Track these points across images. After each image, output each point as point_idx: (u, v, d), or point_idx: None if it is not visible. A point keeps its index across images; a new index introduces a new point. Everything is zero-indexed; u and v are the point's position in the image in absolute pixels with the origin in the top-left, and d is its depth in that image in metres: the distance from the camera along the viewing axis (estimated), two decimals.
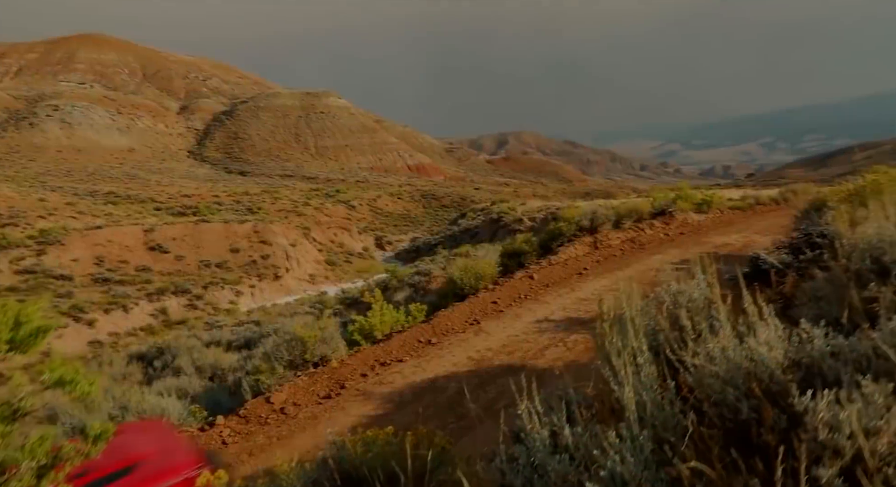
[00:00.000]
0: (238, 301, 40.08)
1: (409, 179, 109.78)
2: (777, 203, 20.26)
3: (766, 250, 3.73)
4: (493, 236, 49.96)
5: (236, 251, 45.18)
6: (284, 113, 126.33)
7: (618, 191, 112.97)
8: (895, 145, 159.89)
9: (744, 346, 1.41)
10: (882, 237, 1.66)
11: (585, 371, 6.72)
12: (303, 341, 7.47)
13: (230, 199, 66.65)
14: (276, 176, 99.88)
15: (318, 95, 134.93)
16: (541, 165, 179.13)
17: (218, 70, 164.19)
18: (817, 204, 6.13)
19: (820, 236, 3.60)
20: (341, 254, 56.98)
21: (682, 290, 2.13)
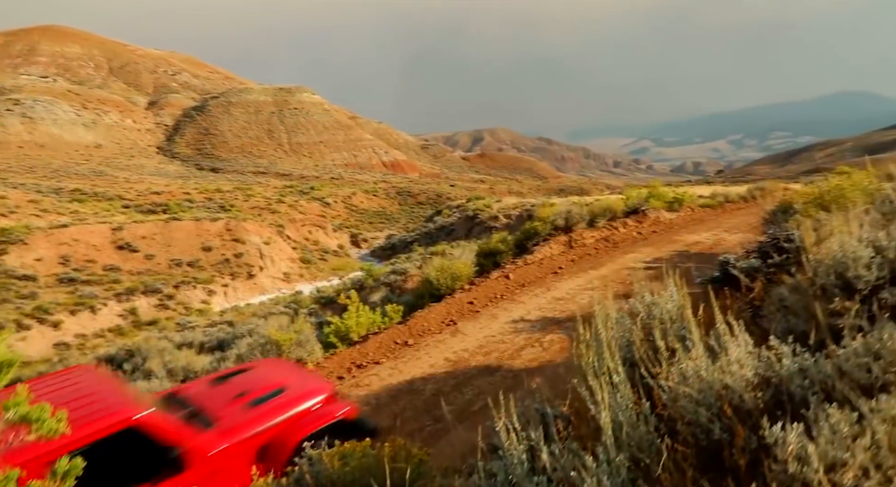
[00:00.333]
0: (211, 301, 39.39)
1: (384, 176, 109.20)
2: (746, 201, 20.79)
3: (736, 255, 3.82)
4: (469, 234, 50.09)
5: (208, 250, 44.37)
6: (257, 109, 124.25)
7: (592, 187, 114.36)
8: (856, 143, 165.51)
9: (716, 366, 1.44)
10: (845, 254, 1.72)
11: (561, 374, 6.81)
12: (278, 344, 7.37)
13: (202, 196, 65.35)
14: (248, 173, 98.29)
15: (292, 90, 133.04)
16: (516, 161, 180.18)
17: (187, 65, 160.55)
18: (784, 206, 6.29)
19: (787, 241, 3.69)
20: (316, 252, 56.45)
21: (655, 301, 2.16)
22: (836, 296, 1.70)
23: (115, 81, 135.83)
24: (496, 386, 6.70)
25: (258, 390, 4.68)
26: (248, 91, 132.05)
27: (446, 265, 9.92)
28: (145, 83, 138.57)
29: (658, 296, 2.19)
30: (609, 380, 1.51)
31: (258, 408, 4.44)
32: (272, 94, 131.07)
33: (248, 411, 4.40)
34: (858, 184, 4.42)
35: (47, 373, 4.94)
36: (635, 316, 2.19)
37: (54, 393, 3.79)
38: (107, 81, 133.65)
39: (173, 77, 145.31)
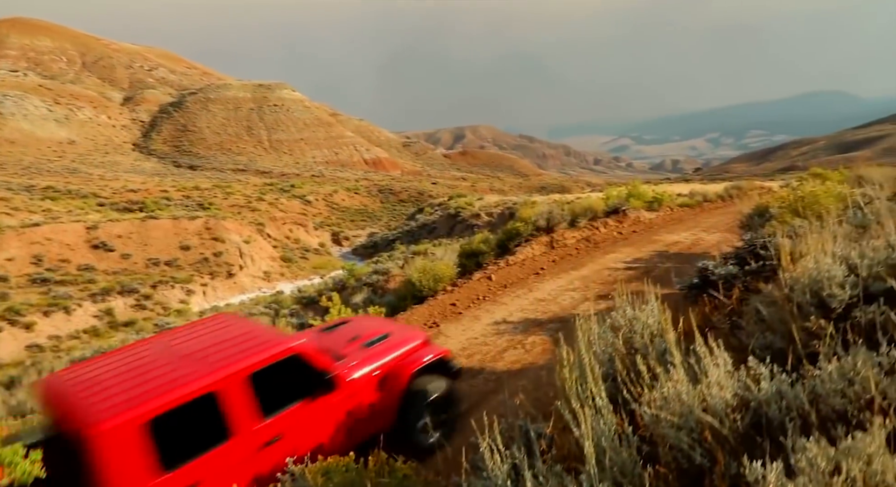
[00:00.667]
0: (189, 301, 38.83)
1: (365, 174, 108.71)
2: (723, 200, 21.14)
3: (715, 262, 3.88)
4: (451, 232, 50.16)
5: (187, 249, 43.72)
6: (236, 105, 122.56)
7: (573, 185, 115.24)
8: (829, 142, 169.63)
9: (696, 390, 1.46)
10: (820, 273, 1.76)
11: (544, 377, 6.84)
12: None
13: (179, 194, 64.32)
14: (227, 170, 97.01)
15: (271, 87, 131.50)
16: (497, 159, 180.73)
17: (164, 60, 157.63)
18: (760, 209, 6.41)
19: (763, 248, 3.76)
20: (297, 250, 55.99)
21: (636, 316, 2.18)
22: (812, 314, 1.74)
23: (88, 75, 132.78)
24: (479, 389, 6.72)
25: (367, 335, 5.51)
26: (227, 87, 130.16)
27: (428, 267, 9.91)
28: (120, 78, 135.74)
29: (639, 310, 2.21)
30: (592, 404, 1.52)
31: (372, 348, 5.25)
32: (251, 90, 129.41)
33: (365, 350, 5.20)
34: (831, 190, 4.53)
35: (203, 318, 5.98)
36: (617, 330, 2.21)
37: (223, 331, 4.70)
38: (80, 76, 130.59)
39: (149, 72, 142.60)
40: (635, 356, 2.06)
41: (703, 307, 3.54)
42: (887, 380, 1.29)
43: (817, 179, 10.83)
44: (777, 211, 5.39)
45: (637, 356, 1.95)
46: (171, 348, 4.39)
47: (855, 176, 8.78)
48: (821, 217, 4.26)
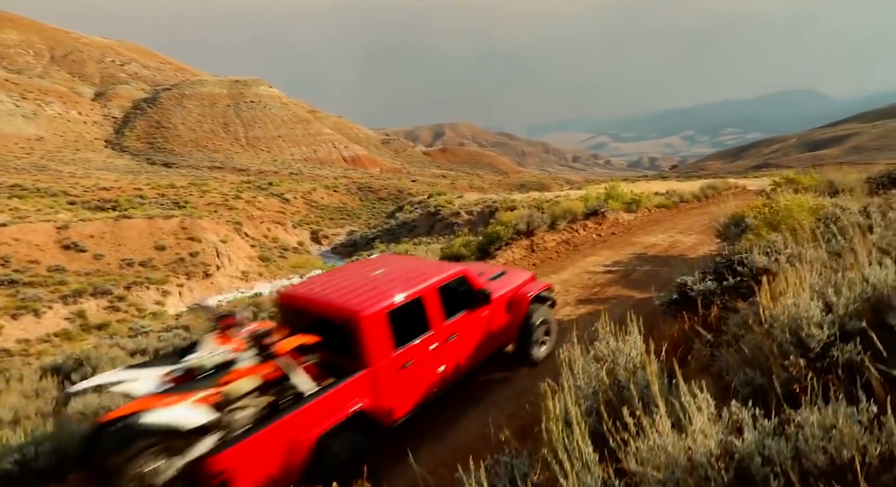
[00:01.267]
0: (165, 302, 38.16)
1: (344, 172, 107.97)
2: (699, 200, 21.52)
3: (693, 278, 3.94)
4: (431, 230, 50.15)
5: (162, 249, 42.94)
6: (212, 101, 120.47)
7: (552, 183, 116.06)
8: (800, 140, 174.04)
9: (681, 442, 1.47)
10: (799, 313, 1.79)
11: (526, 385, 6.87)
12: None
13: (154, 192, 63.04)
14: (203, 168, 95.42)
15: (248, 83, 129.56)
16: (477, 156, 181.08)
17: (137, 54, 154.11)
18: (736, 219, 6.54)
19: (740, 264, 3.83)
20: (275, 249, 55.43)
21: (619, 348, 2.20)
22: (791, 353, 1.77)
23: (57, 70, 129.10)
24: (463, 397, 6.73)
25: (489, 272, 7.09)
26: (203, 83, 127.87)
27: None
28: (91, 73, 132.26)
29: (622, 341, 2.23)
30: (579, 456, 1.53)
31: (497, 280, 6.82)
32: (227, 86, 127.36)
33: (492, 282, 6.67)
34: (804, 204, 4.64)
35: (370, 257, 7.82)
36: (601, 361, 2.23)
37: (401, 262, 6.62)
38: (48, 71, 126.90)
39: (122, 67, 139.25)
40: (619, 390, 2.07)
41: (683, 324, 3.59)
42: (867, 436, 1.33)
43: (790, 185, 11.09)
44: (752, 222, 5.49)
45: (623, 392, 1.97)
46: (368, 272, 6.05)
47: (826, 181, 8.99)
48: (794, 231, 4.36)
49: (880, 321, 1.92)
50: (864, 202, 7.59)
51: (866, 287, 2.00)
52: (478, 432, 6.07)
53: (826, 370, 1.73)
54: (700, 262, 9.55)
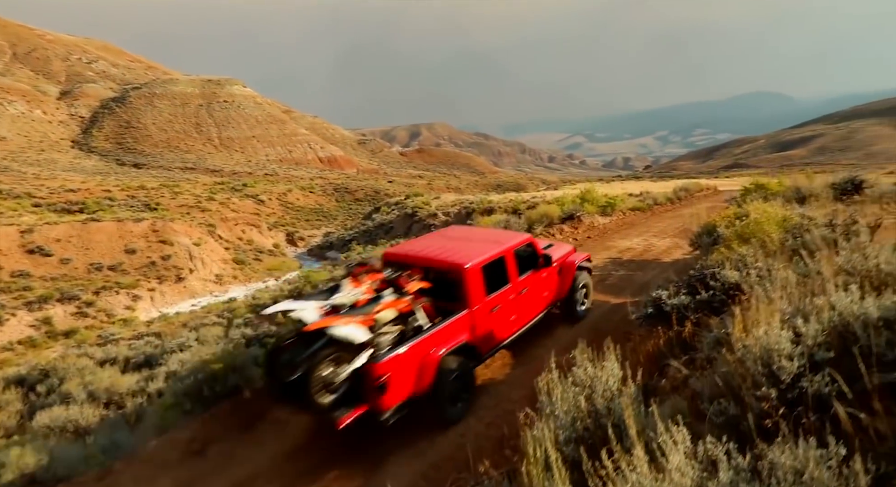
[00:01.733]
0: (136, 307, 37.34)
1: (320, 172, 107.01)
2: (672, 203, 21.91)
3: (668, 292, 4.00)
4: (408, 231, 50.01)
5: (132, 252, 41.98)
6: (183, 101, 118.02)
7: (528, 183, 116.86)
8: (768, 140, 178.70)
9: (658, 485, 1.49)
10: (770, 345, 1.83)
11: (504, 392, 6.88)
12: (212, 373, 7.05)
13: (124, 194, 61.54)
14: (175, 169, 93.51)
15: (221, 82, 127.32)
16: (454, 157, 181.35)
17: (105, 52, 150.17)
18: (709, 228, 6.67)
19: (712, 279, 3.90)
20: (250, 252, 54.61)
21: (596, 375, 2.22)
22: (763, 384, 1.81)
23: (20, 67, 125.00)
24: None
25: (541, 243, 8.15)
26: (174, 82, 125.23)
27: None
28: (56, 71, 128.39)
29: (598, 368, 2.25)
30: None
31: (550, 249, 8.10)
32: (200, 85, 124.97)
33: (547, 250, 7.97)
34: (773, 217, 4.76)
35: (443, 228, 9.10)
36: (580, 386, 2.25)
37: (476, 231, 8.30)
38: (10, 68, 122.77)
39: (89, 65, 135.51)
40: (597, 418, 2.09)
41: (658, 340, 3.64)
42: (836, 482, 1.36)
43: (760, 191, 11.38)
44: (724, 232, 5.60)
45: (601, 419, 1.99)
46: (453, 237, 7.62)
47: (794, 188, 9.24)
48: (764, 244, 4.46)
49: (847, 348, 1.98)
50: (829, 209, 7.83)
51: (833, 315, 2.06)
52: (456, 442, 6.06)
53: (797, 402, 1.77)
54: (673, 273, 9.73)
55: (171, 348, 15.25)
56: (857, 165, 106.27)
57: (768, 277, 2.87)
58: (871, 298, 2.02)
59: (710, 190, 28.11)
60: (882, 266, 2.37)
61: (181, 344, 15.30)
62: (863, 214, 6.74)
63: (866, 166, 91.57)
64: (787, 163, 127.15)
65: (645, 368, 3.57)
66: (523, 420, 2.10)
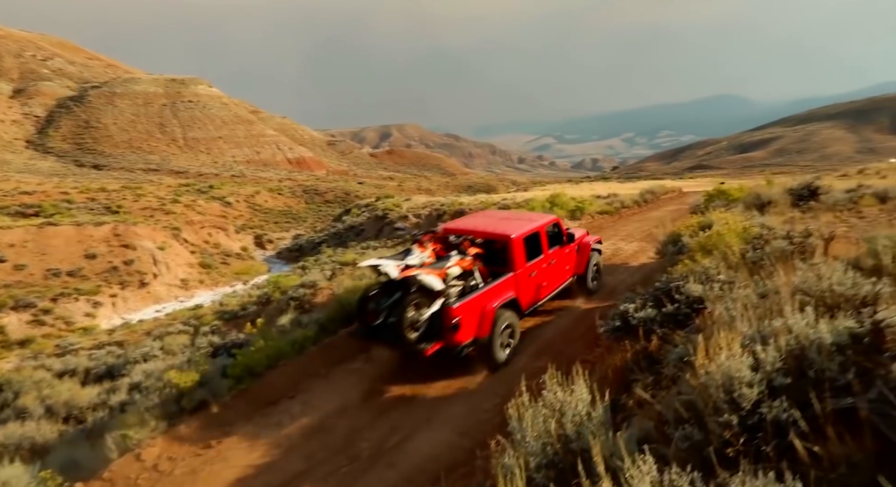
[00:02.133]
0: (97, 313, 36.16)
1: (289, 174, 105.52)
2: (639, 205, 22.35)
3: (635, 305, 4.08)
4: (379, 233, 49.72)
5: (93, 257, 40.64)
6: (146, 101, 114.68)
7: (498, 184, 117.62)
8: (730, 142, 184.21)
9: None
10: (731, 373, 1.89)
11: (478, 402, 6.92)
12: (178, 387, 6.88)
13: (83, 196, 59.50)
14: (138, 170, 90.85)
15: (185, 82, 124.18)
16: (424, 158, 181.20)
17: (61, 49, 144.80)
18: (674, 236, 6.83)
19: (677, 292, 4.00)
20: (217, 255, 53.43)
21: (565, 400, 2.25)
22: (725, 411, 1.87)
23: None
24: (412, 418, 6.70)
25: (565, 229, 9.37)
26: (136, 81, 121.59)
27: (360, 286, 9.75)
28: (8, 68, 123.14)
29: (568, 393, 2.28)
30: None
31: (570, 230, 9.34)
32: (163, 85, 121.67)
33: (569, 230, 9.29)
34: (735, 229, 4.91)
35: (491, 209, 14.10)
36: (550, 409, 2.28)
37: (518, 213, 9.89)
38: None
39: (44, 62, 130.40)
40: (567, 442, 2.12)
41: (626, 353, 3.71)
42: None
43: (722, 197, 11.74)
44: (688, 241, 5.75)
45: (571, 444, 2.01)
46: (497, 216, 9.33)
47: (754, 194, 9.53)
48: (726, 256, 4.59)
49: (804, 373, 2.06)
50: (787, 216, 8.11)
51: (790, 338, 2.13)
52: (429, 453, 6.06)
53: (757, 428, 1.83)
54: (640, 278, 9.91)
55: (134, 358, 14.82)
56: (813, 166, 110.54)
57: (730, 293, 2.95)
58: (825, 322, 2.11)
59: (676, 192, 28.77)
60: (835, 287, 2.47)
61: (145, 354, 14.87)
62: (818, 221, 7.01)
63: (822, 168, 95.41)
64: (748, 164, 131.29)
65: (613, 383, 3.64)
66: (494, 448, 2.12)
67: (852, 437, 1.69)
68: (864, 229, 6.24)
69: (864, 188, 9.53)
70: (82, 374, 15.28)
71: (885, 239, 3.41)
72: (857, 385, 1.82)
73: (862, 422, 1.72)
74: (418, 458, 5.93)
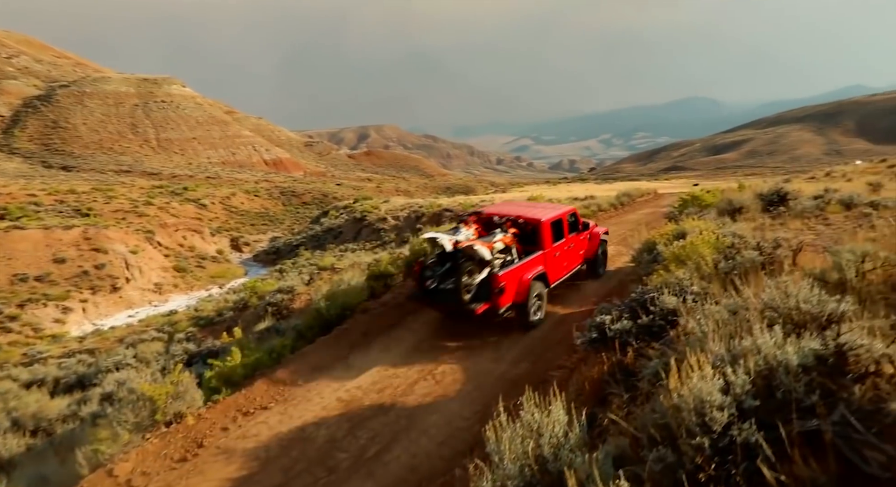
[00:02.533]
0: (66, 319, 35.28)
1: (266, 175, 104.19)
2: (615, 208, 22.64)
3: (610, 317, 4.14)
4: (358, 236, 49.47)
5: (62, 262, 39.64)
6: (117, 100, 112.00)
7: (477, 185, 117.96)
8: (703, 144, 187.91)
9: None
10: (703, 396, 1.94)
11: (456, 411, 6.91)
12: (152, 400, 6.74)
13: (51, 198, 57.95)
14: (109, 172, 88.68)
15: (158, 81, 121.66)
16: (402, 159, 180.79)
17: (27, 47, 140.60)
18: (649, 245, 6.95)
19: (651, 304, 4.07)
20: (192, 259, 52.52)
21: (542, 422, 2.28)
22: (697, 433, 1.91)
23: None
24: (391, 428, 6.68)
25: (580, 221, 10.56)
26: (106, 81, 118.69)
27: (337, 294, 9.69)
28: None
29: (544, 414, 2.31)
30: None
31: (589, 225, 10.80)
32: (135, 84, 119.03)
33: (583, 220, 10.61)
34: (708, 240, 5.02)
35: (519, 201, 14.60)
36: (527, 430, 2.30)
37: (544, 204, 12.62)
38: None
39: (9, 60, 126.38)
40: (544, 464, 2.14)
41: (602, 366, 3.76)
42: None
43: (695, 202, 12.00)
44: (662, 250, 5.85)
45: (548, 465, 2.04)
46: (525, 204, 11.01)
47: (726, 200, 9.73)
48: (699, 267, 4.69)
49: (772, 393, 2.12)
50: (758, 222, 8.31)
51: (759, 359, 2.19)
52: (408, 463, 6.05)
53: (728, 450, 1.88)
54: (616, 284, 10.03)
55: (106, 366, 14.49)
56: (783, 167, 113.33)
57: (703, 307, 3.02)
58: (792, 342, 2.17)
59: (651, 194, 29.24)
60: (801, 305, 2.55)
61: (118, 362, 14.54)
62: (787, 229, 7.20)
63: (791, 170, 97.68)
64: (721, 166, 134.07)
65: (590, 396, 3.69)
66: (472, 471, 2.13)
67: (817, 459, 1.75)
68: (831, 236, 6.42)
69: (830, 194, 9.81)
70: (51, 384, 14.89)
71: (848, 253, 3.53)
72: (822, 408, 1.88)
73: (826, 445, 1.78)
74: (397, 468, 5.91)
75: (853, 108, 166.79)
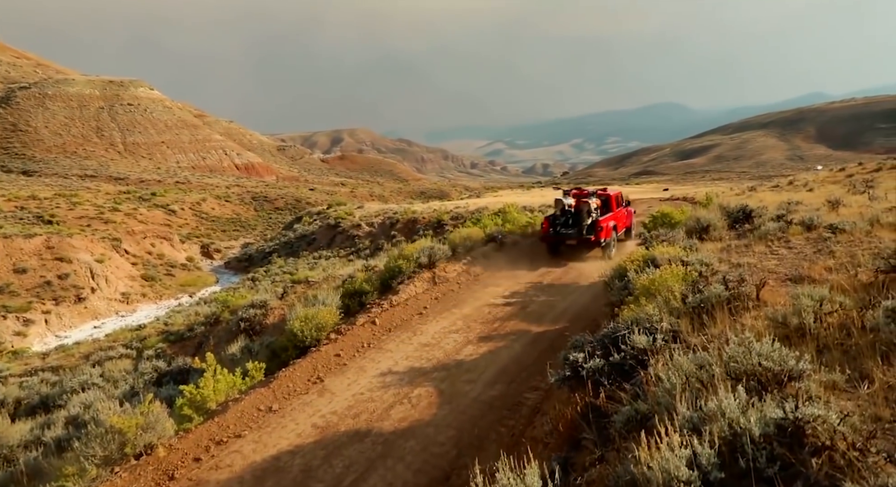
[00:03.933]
0: (28, 332, 34.07)
1: (237, 180, 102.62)
2: None
3: (583, 355, 4.23)
4: (332, 242, 49.03)
5: (23, 272, 38.33)
6: (81, 103, 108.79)
7: (451, 190, 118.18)
8: (672, 149, 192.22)
9: None
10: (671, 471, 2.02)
11: (431, 435, 6.93)
12: (121, 432, 6.58)
13: (11, 205, 55.95)
14: (73, 176, 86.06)
15: (125, 84, 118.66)
16: (376, 163, 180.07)
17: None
18: (620, 271, 7.10)
19: (622, 343, 4.17)
20: (161, 267, 51.30)
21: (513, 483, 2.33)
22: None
23: None
24: (367, 455, 6.66)
25: None
26: (70, 82, 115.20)
27: (311, 314, 9.62)
28: None
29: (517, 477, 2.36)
30: None
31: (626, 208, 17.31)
32: (100, 86, 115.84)
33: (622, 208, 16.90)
34: (677, 274, 5.17)
35: None
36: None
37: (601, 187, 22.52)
38: None
39: None
40: None
41: (576, 406, 3.84)
42: None
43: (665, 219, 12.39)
44: (633, 277, 5.99)
45: None
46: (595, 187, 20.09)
47: (694, 218, 9.99)
48: (668, 301, 4.82)
49: (735, 459, 2.21)
50: (725, 243, 8.57)
51: (724, 425, 2.29)
52: None
53: None
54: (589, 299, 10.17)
55: (71, 386, 14.03)
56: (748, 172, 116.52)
57: (671, 361, 3.12)
58: (755, 409, 2.27)
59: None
60: (763, 362, 2.66)
61: (83, 382, 14.11)
62: (752, 252, 7.44)
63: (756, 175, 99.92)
64: (689, 170, 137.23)
65: (564, 439, 3.76)
66: None
67: None
68: (793, 261, 6.66)
69: (792, 212, 10.17)
70: (12, 405, 14.34)
71: (806, 298, 3.69)
72: (781, 481, 1.97)
73: None
74: None
75: (813, 115, 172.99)
